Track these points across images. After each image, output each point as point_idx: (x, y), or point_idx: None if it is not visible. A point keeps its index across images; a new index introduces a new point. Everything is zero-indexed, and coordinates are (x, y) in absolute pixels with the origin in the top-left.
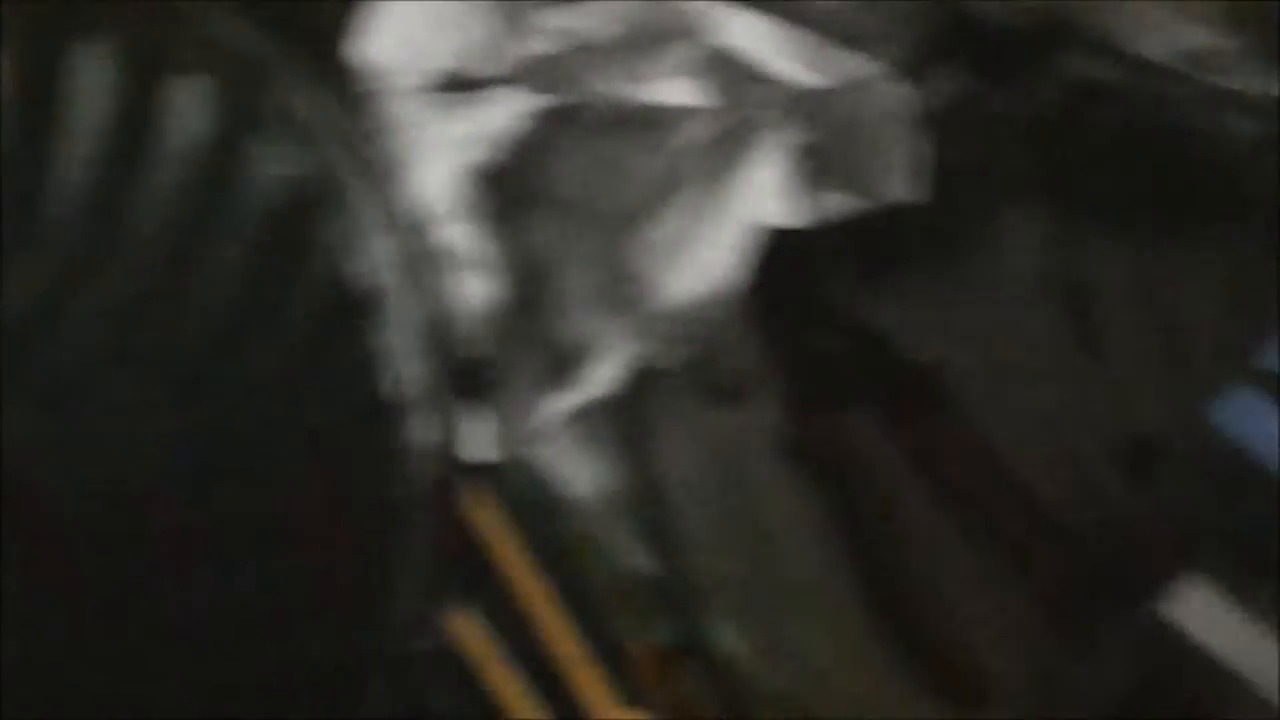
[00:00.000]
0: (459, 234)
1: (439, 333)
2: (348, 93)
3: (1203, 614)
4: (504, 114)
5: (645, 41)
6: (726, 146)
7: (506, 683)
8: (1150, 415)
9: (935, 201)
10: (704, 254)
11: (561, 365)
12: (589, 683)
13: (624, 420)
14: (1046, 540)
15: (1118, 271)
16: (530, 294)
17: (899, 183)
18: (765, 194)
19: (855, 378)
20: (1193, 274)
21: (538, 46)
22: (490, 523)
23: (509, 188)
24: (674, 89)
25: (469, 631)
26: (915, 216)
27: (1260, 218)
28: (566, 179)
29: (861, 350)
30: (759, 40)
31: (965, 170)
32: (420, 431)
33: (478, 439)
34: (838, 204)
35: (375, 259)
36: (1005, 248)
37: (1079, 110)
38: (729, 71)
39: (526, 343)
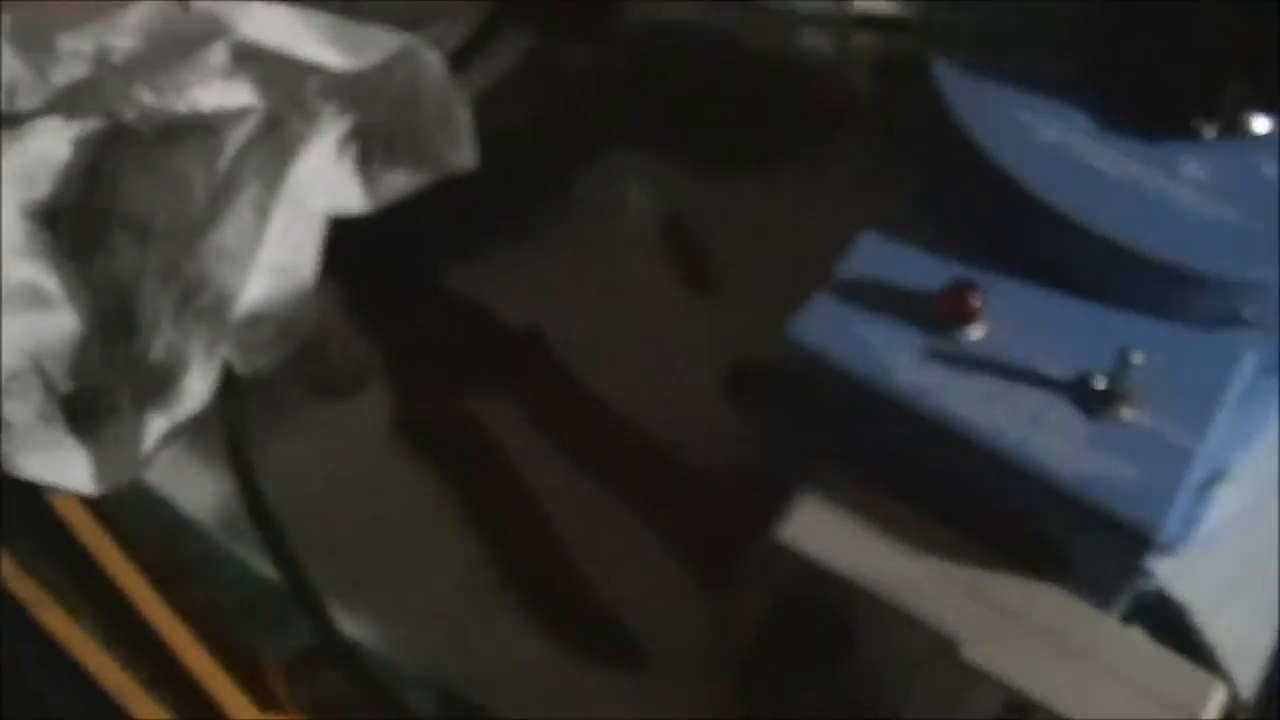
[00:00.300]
0: (31, 271)
1: None
2: None
3: (819, 531)
4: (53, 144)
5: (176, 49)
6: (278, 141)
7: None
8: (752, 342)
9: (518, 163)
10: (275, 253)
11: (158, 386)
12: (226, 693)
13: (226, 431)
14: (670, 485)
15: (717, 204)
16: (115, 319)
17: (460, 151)
18: (326, 183)
19: (461, 353)
20: (787, 195)
21: (72, 72)
22: (109, 551)
23: (74, 217)
24: (216, 92)
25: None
26: (497, 181)
27: (844, 131)
28: (129, 199)
29: (462, 325)
30: (288, 30)
31: (547, 128)
32: None
33: (80, 471)
34: (403, 182)
35: None
36: (604, 198)
37: (657, 52)
38: (264, 66)
39: (120, 369)
